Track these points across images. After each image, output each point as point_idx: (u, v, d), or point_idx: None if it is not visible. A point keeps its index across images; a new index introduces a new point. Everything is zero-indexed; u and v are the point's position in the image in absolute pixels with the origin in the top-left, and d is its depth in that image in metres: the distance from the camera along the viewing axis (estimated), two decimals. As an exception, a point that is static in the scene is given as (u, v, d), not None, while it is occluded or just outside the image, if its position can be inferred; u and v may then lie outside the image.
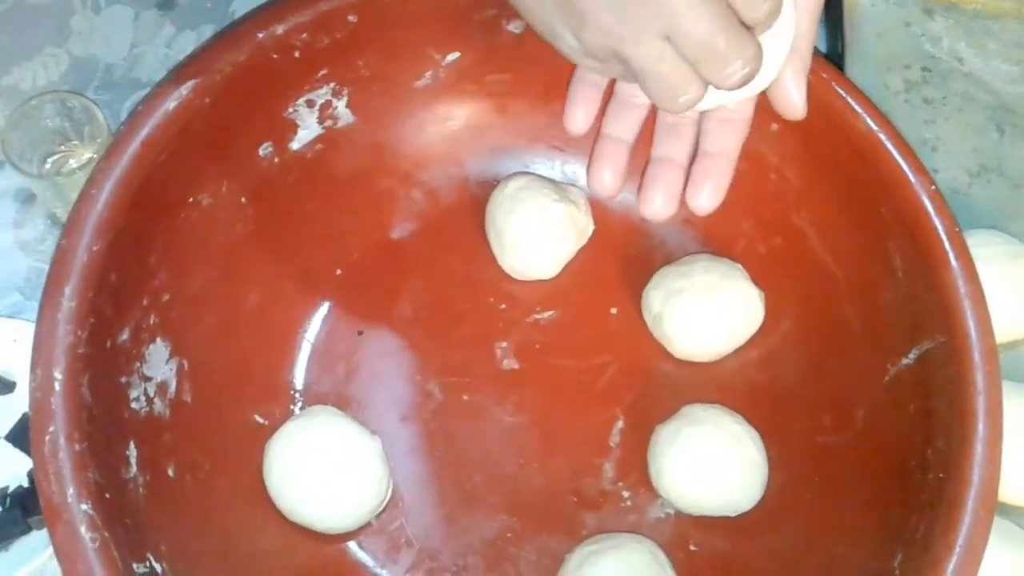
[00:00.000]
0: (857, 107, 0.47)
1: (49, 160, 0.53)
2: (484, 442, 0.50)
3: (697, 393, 0.51)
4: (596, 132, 0.53)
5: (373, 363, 0.51)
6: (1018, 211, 0.57)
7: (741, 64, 0.35)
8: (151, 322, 0.45)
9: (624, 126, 0.44)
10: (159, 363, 0.45)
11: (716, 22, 0.34)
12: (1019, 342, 0.53)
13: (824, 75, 0.47)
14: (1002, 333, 0.46)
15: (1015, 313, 0.52)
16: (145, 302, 0.45)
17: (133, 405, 0.43)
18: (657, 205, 0.43)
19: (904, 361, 0.45)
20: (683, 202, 0.53)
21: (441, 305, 0.53)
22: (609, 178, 0.44)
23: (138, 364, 0.44)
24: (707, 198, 0.42)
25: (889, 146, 0.46)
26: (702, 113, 0.43)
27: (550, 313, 0.53)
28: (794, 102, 0.41)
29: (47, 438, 0.38)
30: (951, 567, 0.39)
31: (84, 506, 0.38)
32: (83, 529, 0.37)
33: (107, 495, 0.39)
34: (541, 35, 0.38)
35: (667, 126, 0.44)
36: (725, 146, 0.42)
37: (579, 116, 0.44)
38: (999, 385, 0.41)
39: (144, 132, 0.44)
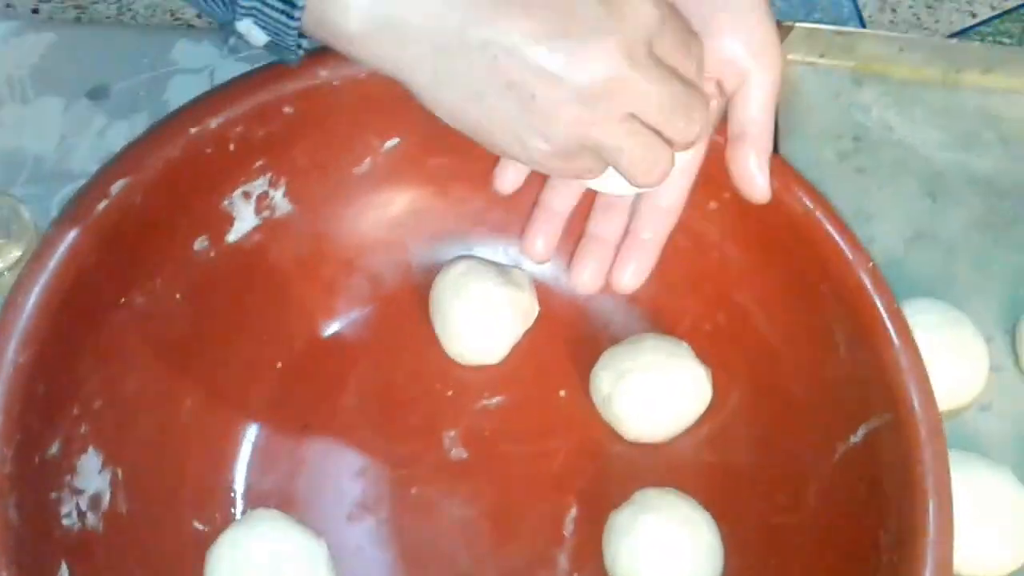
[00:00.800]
0: (792, 185, 0.47)
1: (-27, 261, 0.51)
2: (435, 537, 0.49)
3: (650, 475, 0.50)
4: (534, 201, 0.54)
5: (318, 459, 0.50)
6: (953, 277, 0.58)
7: (699, 116, 0.37)
8: (82, 431, 0.43)
9: (561, 200, 0.47)
10: (91, 474, 0.43)
11: (669, 85, 0.36)
12: (961, 409, 0.54)
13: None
14: (945, 402, 0.46)
15: (956, 380, 0.52)
16: (76, 411, 0.43)
17: (64, 522, 0.41)
18: (585, 278, 0.46)
19: (852, 439, 0.45)
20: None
21: (387, 394, 0.52)
22: (542, 245, 0.47)
23: (69, 477, 0.42)
24: (630, 278, 0.45)
25: (826, 224, 0.46)
26: (636, 196, 0.45)
27: (498, 399, 0.52)
28: (759, 185, 0.43)
29: (-30, 567, 0.36)
30: (911, 653, 0.38)
31: (12, 639, 0.36)
32: (10, 665, 0.35)
33: (37, 623, 0.37)
34: (505, 151, 0.38)
35: (603, 205, 0.46)
36: (655, 230, 0.45)
37: (508, 175, 0.46)
38: (947, 461, 0.42)
39: (72, 235, 0.43)
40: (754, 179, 0.42)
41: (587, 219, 0.47)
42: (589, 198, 0.47)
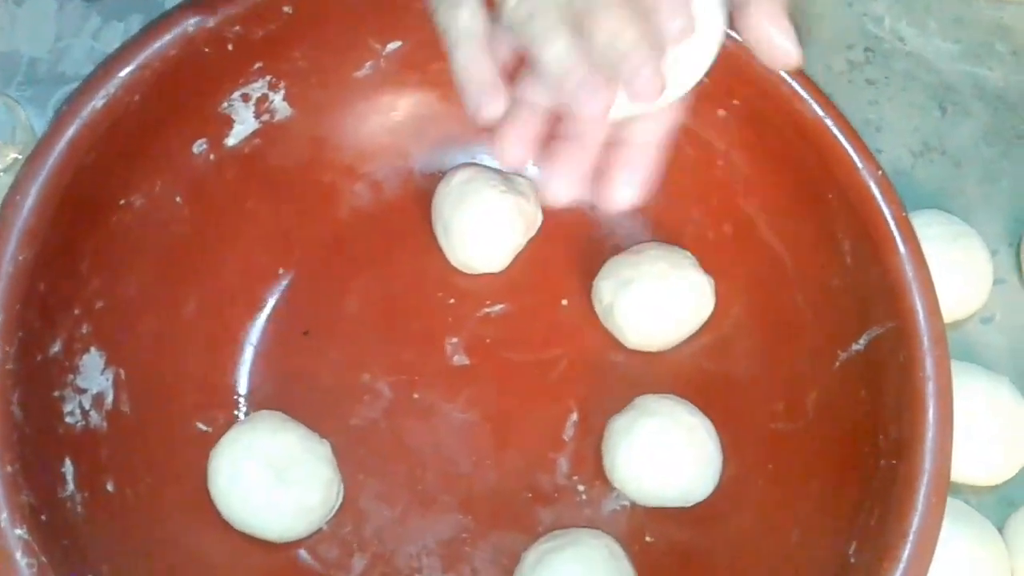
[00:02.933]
0: (802, 92, 0.46)
1: (-30, 162, 0.51)
2: (436, 441, 0.49)
3: (650, 383, 0.50)
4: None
5: (319, 364, 0.50)
6: (960, 190, 0.58)
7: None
8: (84, 331, 0.43)
9: (539, 90, 0.36)
10: (94, 374, 0.43)
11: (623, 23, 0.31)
12: (963, 321, 0.54)
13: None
14: (948, 314, 0.46)
15: (960, 293, 0.52)
16: (77, 311, 0.43)
17: (67, 419, 0.42)
18: (557, 187, 0.36)
19: (854, 347, 0.45)
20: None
21: (388, 301, 0.52)
22: (517, 147, 0.36)
23: (71, 376, 0.42)
24: (625, 189, 0.36)
25: (835, 131, 0.45)
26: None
27: (500, 307, 0.52)
28: (780, 46, 0.35)
29: (-24, 461, 0.36)
30: (905, 554, 0.39)
31: (19, 531, 0.36)
32: (18, 555, 0.36)
33: (43, 517, 0.37)
34: None
35: None
36: (649, 133, 0.37)
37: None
38: (948, 370, 0.42)
39: (70, 133, 0.42)
40: (773, 39, 0.35)
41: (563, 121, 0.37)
42: None
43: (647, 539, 0.48)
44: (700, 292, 0.50)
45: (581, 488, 0.49)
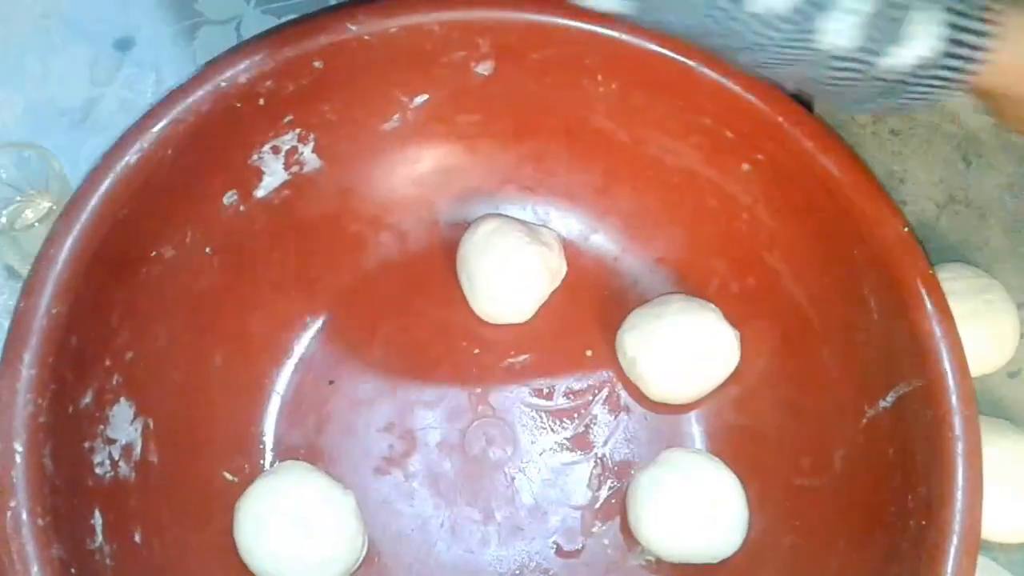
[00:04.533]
0: (827, 149, 0.46)
1: (4, 212, 0.52)
2: (460, 491, 0.49)
3: (675, 436, 0.50)
4: (564, 171, 0.53)
5: (345, 413, 0.50)
6: (985, 241, 0.58)
7: None
8: (114, 382, 0.43)
9: None
10: (123, 424, 0.44)
11: None
12: (990, 375, 0.53)
13: (794, 116, 0.47)
14: (974, 368, 0.46)
15: (986, 347, 0.52)
16: (108, 362, 0.43)
17: (97, 471, 0.42)
18: None
19: (882, 404, 0.45)
20: (655, 242, 0.53)
21: (413, 351, 0.52)
22: None
23: (101, 427, 0.43)
24: None
25: (860, 188, 0.46)
26: None
27: (524, 356, 0.52)
28: None
29: (9, 515, 0.37)
30: (935, 617, 0.38)
31: (48, 584, 0.36)
32: (48, 609, 0.36)
33: (72, 570, 0.38)
34: None
35: None
36: None
37: None
38: (978, 430, 0.41)
39: (104, 187, 0.43)
40: None
41: None
42: None
43: (672, 595, 0.48)
44: (725, 345, 0.50)
45: (606, 542, 0.49)
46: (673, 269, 0.53)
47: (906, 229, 0.45)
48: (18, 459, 0.37)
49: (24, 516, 0.37)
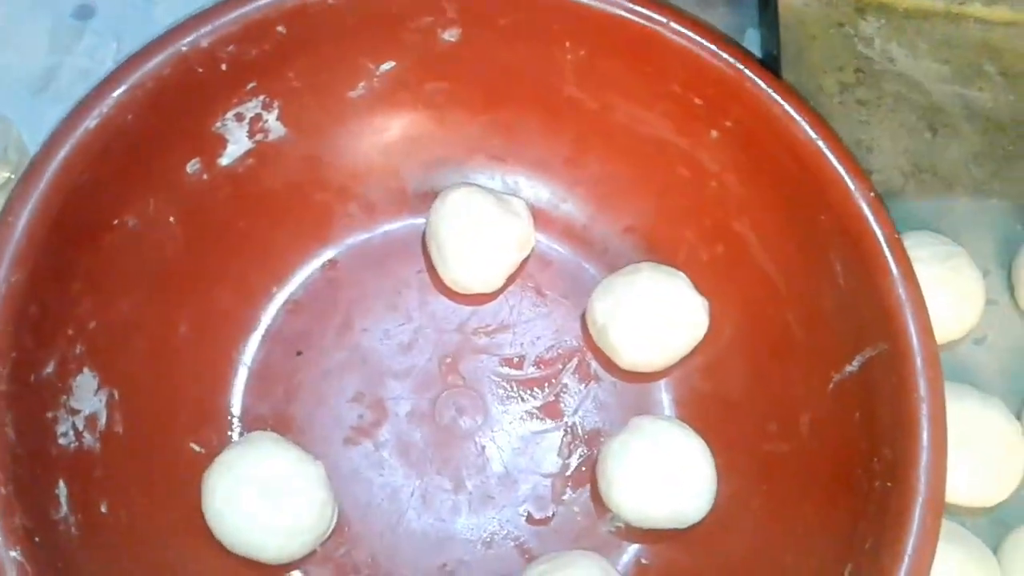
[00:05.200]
0: (795, 113, 0.46)
1: (-38, 181, 0.51)
2: (429, 461, 0.49)
3: (644, 404, 0.51)
4: (533, 141, 0.53)
5: (313, 384, 0.50)
6: (951, 210, 0.58)
7: None
8: (77, 352, 0.43)
9: None
10: (87, 395, 0.43)
11: None
12: (956, 342, 0.54)
13: (762, 80, 0.47)
14: (940, 335, 0.46)
15: (952, 314, 0.52)
16: (70, 332, 0.43)
17: (61, 441, 0.41)
18: None
19: (848, 368, 0.45)
20: (624, 210, 0.53)
21: (382, 321, 0.52)
22: None
23: (65, 397, 0.42)
24: None
25: (828, 152, 0.46)
26: None
27: (494, 326, 0.52)
28: None
29: (-32, 484, 0.36)
30: (900, 576, 0.39)
31: (13, 553, 0.36)
32: (11, 578, 0.35)
33: (36, 539, 0.37)
34: None
35: None
36: None
37: None
38: (942, 392, 0.42)
39: (63, 153, 0.42)
40: None
41: None
42: None
43: (642, 561, 0.48)
44: (694, 313, 0.50)
45: (576, 509, 0.49)
46: (642, 238, 0.53)
47: (872, 194, 0.45)
48: (-23, 428, 0.37)
49: (-15, 485, 0.36)
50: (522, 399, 0.51)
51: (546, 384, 0.51)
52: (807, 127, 0.46)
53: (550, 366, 0.51)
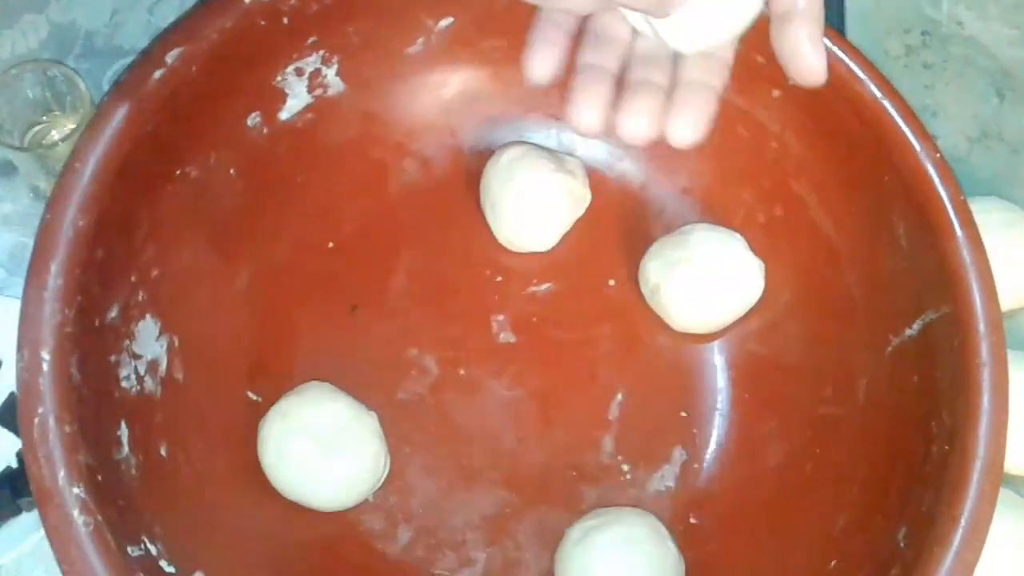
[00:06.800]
0: (861, 73, 0.45)
1: (30, 131, 0.52)
2: (481, 416, 0.49)
3: (696, 366, 0.50)
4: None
5: (368, 338, 0.50)
6: (1017, 177, 0.57)
7: None
8: (140, 299, 0.44)
9: (604, 57, 0.37)
10: (149, 340, 0.44)
11: None
12: (1017, 311, 0.53)
13: (827, 39, 0.45)
14: (1004, 301, 0.45)
15: (1017, 281, 0.51)
16: (133, 278, 0.43)
17: (123, 384, 0.42)
18: (634, 124, 0.36)
19: (907, 332, 0.44)
20: (681, 171, 0.52)
21: (436, 278, 0.52)
22: (593, 114, 0.36)
23: (127, 342, 0.43)
24: (688, 130, 0.36)
25: (894, 113, 0.45)
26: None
27: (547, 285, 0.52)
28: (813, 65, 0.35)
29: (36, 420, 0.37)
30: (956, 541, 0.38)
31: (76, 489, 0.37)
32: (75, 512, 0.36)
33: (99, 477, 0.38)
34: None
35: (643, 57, 0.38)
36: (707, 78, 0.37)
37: (543, 61, 0.38)
38: (1004, 357, 0.41)
39: (128, 103, 0.42)
40: (806, 57, 0.35)
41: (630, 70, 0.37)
42: None
43: (691, 520, 0.48)
44: (749, 275, 0.49)
45: (625, 468, 0.49)
46: (699, 199, 0.52)
47: (938, 155, 0.44)
48: (45, 367, 0.38)
49: (51, 422, 0.37)
50: (575, 358, 0.51)
51: (598, 343, 0.51)
52: (873, 87, 0.45)
53: (602, 325, 0.51)
